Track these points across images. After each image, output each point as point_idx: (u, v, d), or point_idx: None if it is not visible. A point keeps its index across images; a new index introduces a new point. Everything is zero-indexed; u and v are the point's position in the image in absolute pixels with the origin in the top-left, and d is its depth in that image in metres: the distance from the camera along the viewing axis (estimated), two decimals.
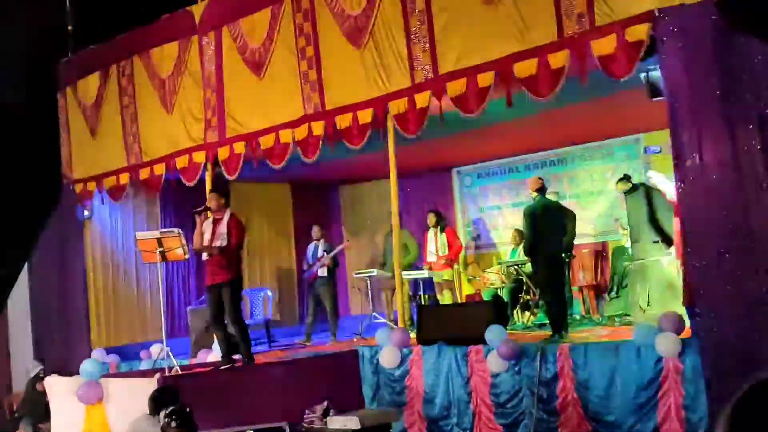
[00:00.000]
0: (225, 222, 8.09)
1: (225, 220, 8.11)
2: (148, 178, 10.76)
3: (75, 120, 11.77)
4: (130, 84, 10.93)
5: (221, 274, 8.05)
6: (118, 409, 7.34)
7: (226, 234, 8.02)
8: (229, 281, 8.04)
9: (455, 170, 13.43)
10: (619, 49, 6.56)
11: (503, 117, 8.84)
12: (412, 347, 8.00)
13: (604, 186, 11.81)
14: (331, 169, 11.85)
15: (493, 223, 13.03)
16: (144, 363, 9.89)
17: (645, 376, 6.37)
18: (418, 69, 8.02)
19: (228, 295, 8.04)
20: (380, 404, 7.97)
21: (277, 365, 8.47)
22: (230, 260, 8.09)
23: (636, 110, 9.20)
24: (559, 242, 8.66)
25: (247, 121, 9.60)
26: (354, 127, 8.57)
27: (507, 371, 7.22)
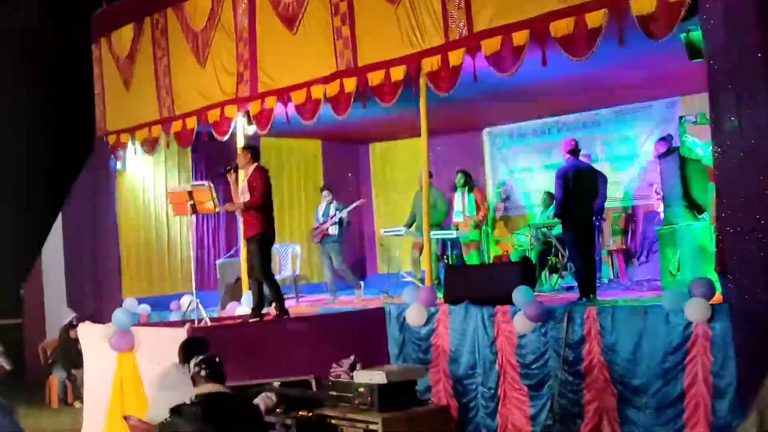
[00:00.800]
0: (248, 176, 8.12)
1: (248, 175, 8.13)
2: (180, 131, 10.82)
3: (109, 72, 11.82)
4: (164, 37, 10.93)
5: (250, 229, 8.11)
6: (148, 357, 7.46)
7: (248, 187, 8.04)
8: (256, 235, 8.07)
9: (486, 131, 13.33)
10: (660, 9, 6.42)
11: (537, 77, 8.72)
12: (438, 306, 8.03)
13: (638, 150, 11.66)
14: (362, 126, 11.82)
15: (523, 185, 12.95)
16: (174, 314, 10.03)
17: (673, 340, 6.35)
18: (453, 26, 7.91)
19: (255, 249, 8.10)
20: (406, 362, 8.03)
21: (304, 320, 8.55)
22: (257, 214, 8.07)
23: (674, 72, 9.04)
24: (590, 205, 8.58)
25: (279, 76, 9.58)
26: (386, 85, 8.52)
27: (533, 332, 7.23)
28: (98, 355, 8.16)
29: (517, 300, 7.35)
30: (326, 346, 7.65)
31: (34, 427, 8.99)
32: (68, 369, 10.67)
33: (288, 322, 8.19)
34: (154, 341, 7.59)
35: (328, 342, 7.72)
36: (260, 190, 8.00)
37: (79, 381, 9.96)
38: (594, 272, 8.61)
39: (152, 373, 6.34)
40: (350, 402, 5.91)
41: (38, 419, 9.64)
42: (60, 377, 10.76)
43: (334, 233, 10.99)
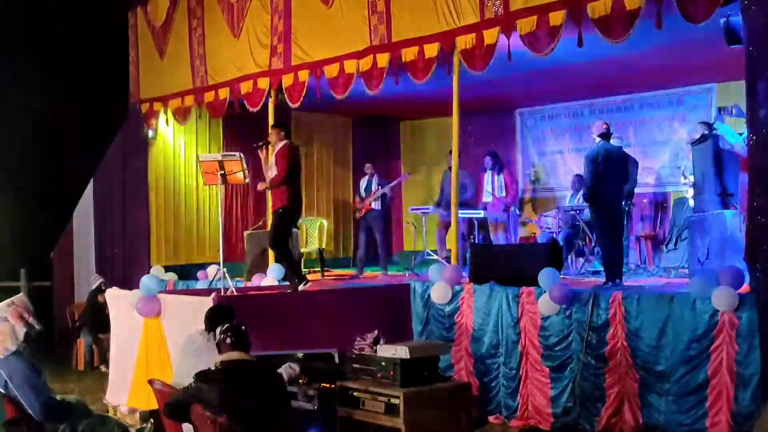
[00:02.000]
0: (275, 153, 8.13)
1: (276, 151, 8.14)
2: (212, 101, 10.89)
3: (144, 40, 11.91)
4: (199, 7, 10.98)
5: (276, 202, 8.18)
6: (174, 323, 7.55)
7: (275, 163, 8.06)
8: (279, 208, 8.10)
9: (518, 111, 13.25)
10: None
11: (572, 59, 8.65)
12: (463, 285, 8.04)
13: (671, 135, 11.54)
14: (393, 103, 11.79)
15: (553, 167, 12.88)
16: (200, 283, 10.12)
17: (698, 328, 6.32)
18: (489, 5, 7.87)
19: (276, 220, 8.19)
20: (429, 338, 8.06)
21: (329, 293, 8.59)
22: (283, 188, 8.04)
23: (710, 58, 8.92)
24: (620, 189, 8.52)
25: (312, 50, 9.59)
26: (419, 61, 8.49)
27: (557, 315, 7.22)
28: (125, 320, 8.28)
29: (542, 281, 7.34)
30: (350, 319, 7.69)
31: (60, 389, 9.15)
32: (95, 333, 10.84)
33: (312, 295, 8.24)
34: (180, 308, 7.67)
35: (353, 316, 7.76)
36: (283, 165, 8.01)
37: (106, 345, 10.09)
38: (621, 257, 8.56)
39: (178, 339, 6.42)
40: (373, 375, 5.97)
41: (65, 381, 9.81)
42: (87, 341, 10.93)
43: (377, 208, 11.05)
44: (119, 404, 8.20)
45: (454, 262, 8.70)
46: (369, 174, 11.34)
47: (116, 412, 8.10)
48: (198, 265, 11.24)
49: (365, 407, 5.92)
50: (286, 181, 8.02)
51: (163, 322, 7.78)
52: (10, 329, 5.74)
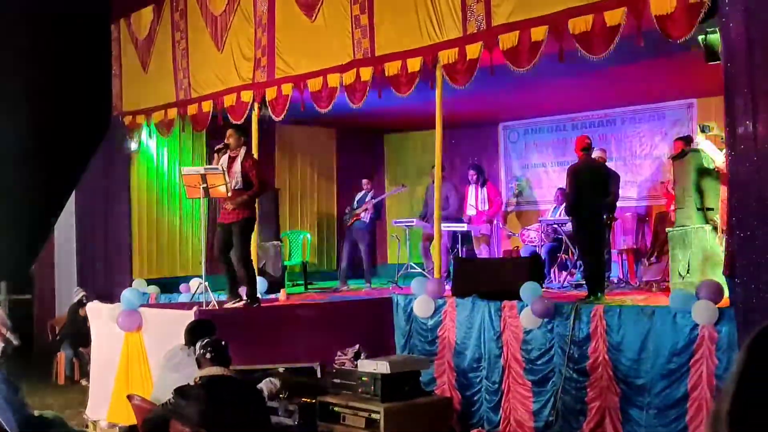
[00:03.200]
0: (239, 160, 8.00)
1: (239, 159, 8.03)
2: (195, 114, 10.87)
3: (127, 53, 11.88)
4: (183, 20, 10.97)
5: (235, 213, 7.92)
6: (155, 337, 7.52)
7: (240, 172, 7.94)
8: (241, 220, 7.92)
9: (502, 125, 13.31)
10: (679, 9, 6.39)
11: (554, 74, 8.70)
12: (446, 298, 8.05)
13: (652, 150, 11.63)
14: (377, 116, 11.82)
15: (536, 180, 12.93)
16: (183, 296, 10.08)
17: (679, 342, 6.34)
18: (471, 20, 7.90)
19: (239, 232, 7.92)
20: (411, 352, 8.05)
21: (311, 307, 8.59)
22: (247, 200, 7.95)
23: (690, 74, 9.00)
24: (602, 203, 8.57)
25: (296, 63, 9.60)
26: (402, 75, 8.52)
27: (539, 328, 7.23)
28: (106, 333, 8.24)
29: (524, 295, 7.35)
30: (332, 333, 7.69)
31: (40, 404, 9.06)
32: (76, 347, 10.76)
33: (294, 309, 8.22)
34: (161, 322, 7.65)
35: (335, 330, 7.76)
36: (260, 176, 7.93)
37: (87, 359, 10.03)
38: (603, 271, 8.59)
39: (159, 354, 6.39)
40: (353, 390, 5.96)
41: (44, 395, 9.72)
42: (68, 354, 10.85)
43: (365, 219, 11.06)
44: (99, 419, 8.14)
45: (437, 275, 8.70)
46: (366, 188, 11.43)
47: (96, 427, 8.03)
48: (180, 278, 11.19)
49: (346, 422, 5.91)
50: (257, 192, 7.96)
51: (144, 336, 7.75)
52: None
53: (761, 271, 5.78)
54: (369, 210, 11.08)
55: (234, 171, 7.94)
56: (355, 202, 11.38)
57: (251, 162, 7.98)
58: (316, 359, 7.09)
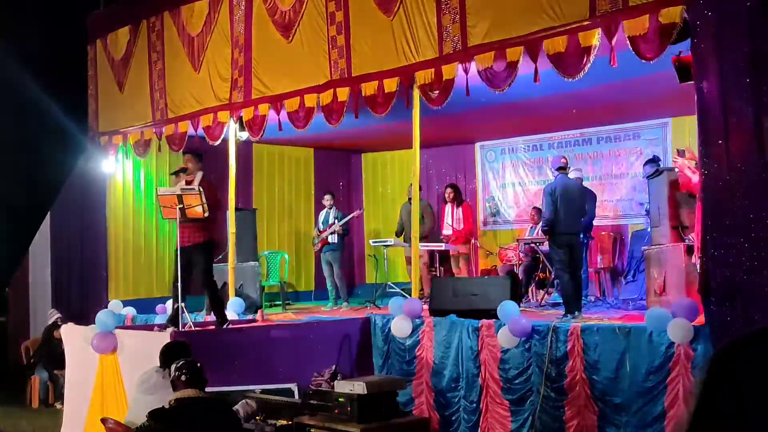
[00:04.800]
0: (195, 183, 8.07)
1: (196, 182, 8.09)
2: (172, 134, 10.84)
3: (103, 73, 11.83)
4: (160, 40, 10.96)
5: (194, 237, 7.97)
6: (130, 360, 7.44)
7: None
8: (201, 243, 7.99)
9: (478, 144, 13.38)
10: (652, 31, 6.48)
11: (530, 93, 8.78)
12: (424, 318, 8.04)
13: (628, 169, 11.73)
14: (355, 136, 11.84)
15: (513, 199, 13.00)
16: (159, 317, 9.99)
17: (655, 360, 6.36)
18: (447, 40, 7.96)
19: (200, 257, 7.97)
20: (389, 373, 8.02)
21: (289, 327, 8.54)
22: (204, 223, 8.01)
23: (664, 94, 9.11)
24: (578, 222, 8.62)
25: (273, 83, 9.61)
26: (379, 95, 8.55)
27: (517, 347, 7.23)
28: (81, 356, 8.14)
29: (502, 314, 7.36)
30: (310, 354, 7.66)
31: (13, 427, 8.95)
32: (50, 369, 10.62)
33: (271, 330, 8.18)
34: (136, 344, 7.57)
35: (312, 350, 7.73)
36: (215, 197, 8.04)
37: (61, 382, 9.91)
38: (580, 289, 8.63)
39: (134, 376, 6.32)
40: (330, 411, 5.92)
41: (18, 419, 9.58)
42: (42, 377, 10.71)
43: (333, 242, 11.01)
44: None
45: (414, 295, 8.70)
46: (327, 206, 11.31)
47: None
48: (157, 299, 11.09)
49: None
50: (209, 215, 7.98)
51: (119, 359, 7.67)
52: None
53: (735, 290, 5.84)
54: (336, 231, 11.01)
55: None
56: (320, 222, 11.30)
57: (206, 185, 8.08)
58: (293, 380, 7.05)
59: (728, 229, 5.90)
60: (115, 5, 11.76)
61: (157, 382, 5.57)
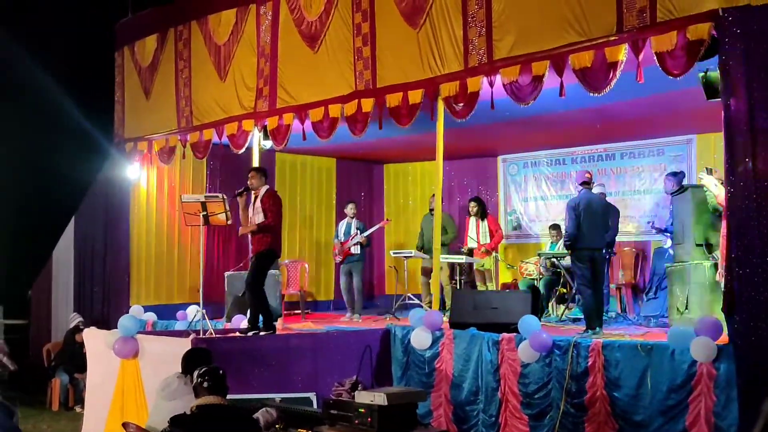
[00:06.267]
0: (260, 198, 8.25)
1: (260, 196, 8.23)
2: (196, 142, 10.92)
3: (130, 80, 11.95)
4: (186, 48, 11.05)
5: (260, 245, 8.26)
6: (151, 365, 7.49)
7: (261, 208, 8.15)
8: (261, 251, 8.22)
9: (501, 157, 13.36)
10: (679, 47, 6.46)
11: (554, 107, 8.77)
12: (444, 330, 8.02)
13: (651, 185, 11.67)
14: (377, 146, 11.87)
15: (535, 213, 12.96)
16: (180, 323, 10.05)
17: (677, 378, 6.32)
18: (473, 53, 7.97)
19: (254, 263, 8.28)
20: (408, 384, 8.02)
21: (308, 336, 8.55)
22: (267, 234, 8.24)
23: (690, 110, 9.06)
24: (601, 238, 8.57)
25: (298, 93, 9.66)
26: (403, 107, 8.58)
27: (537, 362, 7.21)
28: (102, 360, 8.19)
29: (522, 329, 7.34)
30: (329, 364, 7.67)
31: (33, 430, 9.01)
32: (71, 373, 10.69)
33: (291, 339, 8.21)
34: (158, 350, 7.61)
35: (332, 360, 7.74)
36: (274, 212, 8.18)
37: (82, 385, 9.98)
38: (601, 305, 8.58)
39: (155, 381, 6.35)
40: (350, 422, 5.89)
41: (38, 421, 9.64)
42: (63, 380, 10.77)
43: (356, 252, 11.00)
44: None
45: (435, 307, 8.69)
46: (350, 215, 11.30)
47: None
48: (178, 305, 11.16)
49: None
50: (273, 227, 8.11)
51: (140, 364, 7.71)
52: None
53: (760, 309, 5.79)
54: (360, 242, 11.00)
55: (257, 207, 8.26)
56: (341, 233, 11.29)
57: (269, 197, 8.30)
58: (313, 389, 7.05)
59: (753, 248, 5.86)
60: (143, 13, 11.88)
61: (178, 388, 5.59)
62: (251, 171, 8.59)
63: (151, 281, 11.82)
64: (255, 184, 8.34)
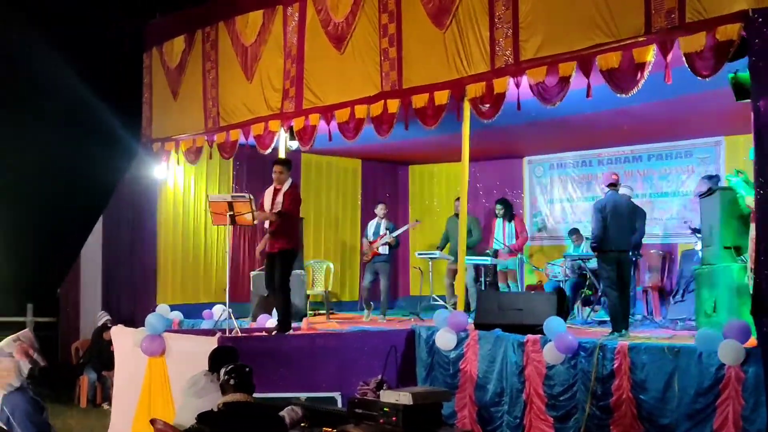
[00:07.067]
0: (283, 191, 8.22)
1: (283, 190, 8.22)
2: (223, 142, 11.00)
3: (158, 81, 12.06)
4: (214, 50, 11.14)
5: (277, 243, 8.19)
6: (178, 363, 7.55)
7: (281, 203, 8.16)
8: (283, 250, 8.17)
9: (527, 159, 13.33)
10: (708, 48, 6.42)
11: (580, 108, 8.73)
12: (468, 331, 8.02)
13: (679, 187, 11.58)
14: (403, 147, 11.88)
15: (561, 215, 12.91)
16: (206, 323, 10.12)
17: (704, 382, 6.27)
18: (499, 54, 7.96)
19: (279, 262, 8.19)
20: (432, 385, 8.01)
21: (333, 336, 8.57)
22: (286, 229, 8.18)
23: (719, 112, 8.99)
24: (627, 240, 8.53)
25: (324, 94, 9.69)
26: (429, 108, 8.58)
27: (563, 364, 7.18)
28: (129, 358, 8.27)
29: (548, 330, 7.32)
30: (354, 363, 7.68)
31: (61, 426, 9.11)
32: (99, 370, 10.80)
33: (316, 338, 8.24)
34: (184, 348, 7.68)
35: (357, 360, 7.75)
36: (291, 203, 8.16)
37: (109, 383, 10.08)
38: (628, 308, 8.53)
39: (181, 379, 6.41)
40: (375, 421, 5.90)
41: (66, 418, 9.75)
42: (90, 378, 10.89)
43: (384, 253, 11.00)
44: None
45: (460, 308, 8.68)
46: (380, 216, 11.27)
47: None
48: (204, 305, 11.24)
49: None
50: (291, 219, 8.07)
51: (167, 362, 7.77)
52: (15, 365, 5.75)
53: None
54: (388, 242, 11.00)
55: (277, 201, 8.20)
56: (371, 233, 11.28)
57: (290, 190, 8.25)
58: (337, 389, 7.07)
59: None
60: (171, 15, 11.99)
61: (205, 385, 5.64)
62: (280, 164, 8.45)
63: (178, 280, 11.92)
64: (283, 178, 8.29)
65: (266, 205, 8.29)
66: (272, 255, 8.27)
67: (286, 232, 8.21)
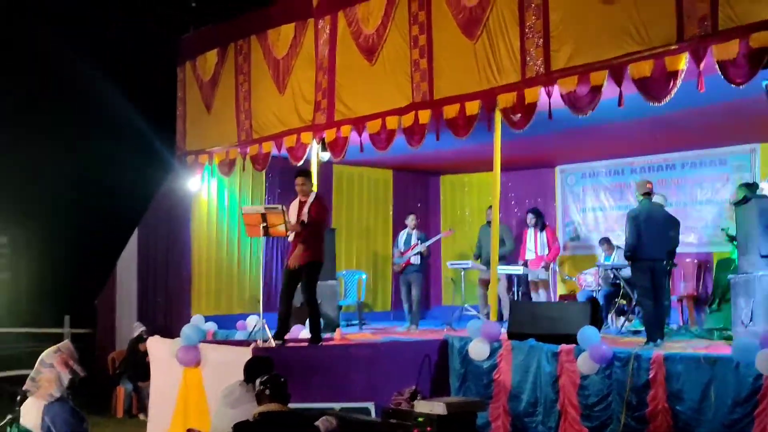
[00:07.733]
0: (308, 203, 8.17)
1: (309, 202, 8.20)
2: (256, 154, 11.11)
3: (192, 94, 12.22)
4: (246, 63, 11.26)
5: (303, 257, 8.04)
6: (213, 373, 7.61)
7: (308, 214, 8.10)
8: (309, 263, 8.08)
9: (559, 168, 13.28)
10: (742, 56, 6.37)
11: (613, 117, 8.69)
12: (502, 341, 8.01)
13: (713, 195, 11.47)
14: (434, 158, 11.91)
15: (594, 224, 12.83)
16: (240, 333, 10.19)
17: (742, 392, 6.20)
18: (530, 64, 7.97)
19: (306, 276, 8.10)
20: (466, 395, 8.01)
21: (367, 347, 8.59)
22: (311, 242, 8.08)
23: (753, 119, 8.90)
24: (662, 249, 8.46)
25: (355, 106, 9.76)
26: (461, 118, 8.61)
27: (597, 374, 7.14)
28: (165, 368, 8.36)
29: (582, 340, 7.28)
30: (387, 374, 7.70)
31: None
32: (135, 381, 10.92)
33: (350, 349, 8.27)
34: (220, 358, 7.74)
35: (390, 370, 7.77)
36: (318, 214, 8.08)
37: (145, 393, 10.17)
38: (663, 317, 8.47)
39: (217, 389, 6.47)
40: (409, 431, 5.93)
41: (103, 429, 9.87)
42: (127, 389, 11.02)
43: (416, 263, 10.99)
44: None
45: (493, 318, 8.67)
46: (410, 227, 11.27)
47: None
48: (238, 316, 11.32)
49: None
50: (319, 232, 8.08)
51: (202, 372, 7.85)
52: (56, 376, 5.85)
53: None
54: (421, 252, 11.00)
55: (303, 213, 8.13)
56: (401, 243, 11.28)
57: (316, 202, 8.18)
58: (371, 399, 7.09)
59: None
60: (204, 29, 12.15)
61: (241, 395, 5.70)
62: (302, 176, 8.32)
63: (212, 291, 12.03)
64: (307, 189, 8.24)
65: (292, 219, 8.26)
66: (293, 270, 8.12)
67: (312, 244, 8.12)
